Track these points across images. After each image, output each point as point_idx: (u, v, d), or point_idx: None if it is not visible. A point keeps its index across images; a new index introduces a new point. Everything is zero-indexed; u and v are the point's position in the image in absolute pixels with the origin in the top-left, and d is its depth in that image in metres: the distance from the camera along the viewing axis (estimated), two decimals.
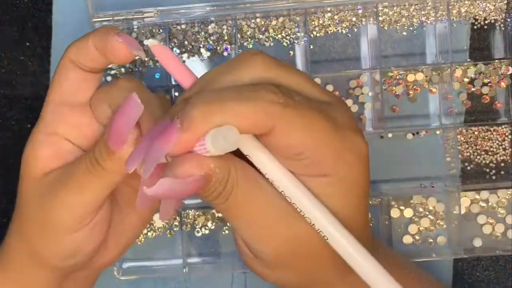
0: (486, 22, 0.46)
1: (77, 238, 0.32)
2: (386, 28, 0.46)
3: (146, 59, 0.46)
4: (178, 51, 0.46)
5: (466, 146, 0.46)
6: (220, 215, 0.46)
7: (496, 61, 0.45)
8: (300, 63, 0.46)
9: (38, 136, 0.33)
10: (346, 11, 0.46)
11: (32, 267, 0.34)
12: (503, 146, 0.46)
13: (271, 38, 0.46)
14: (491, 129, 0.46)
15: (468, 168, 0.46)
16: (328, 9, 0.45)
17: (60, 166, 0.33)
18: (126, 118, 0.28)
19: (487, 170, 0.46)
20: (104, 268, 0.37)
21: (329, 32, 0.46)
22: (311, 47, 0.46)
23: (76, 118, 0.33)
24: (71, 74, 0.32)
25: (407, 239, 0.46)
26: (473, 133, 0.46)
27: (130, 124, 0.28)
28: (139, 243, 0.46)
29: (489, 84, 0.46)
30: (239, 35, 0.46)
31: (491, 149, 0.46)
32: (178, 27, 0.46)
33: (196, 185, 0.25)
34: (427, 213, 0.46)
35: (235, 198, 0.27)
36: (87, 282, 0.38)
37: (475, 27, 0.46)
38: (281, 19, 0.46)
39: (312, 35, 0.46)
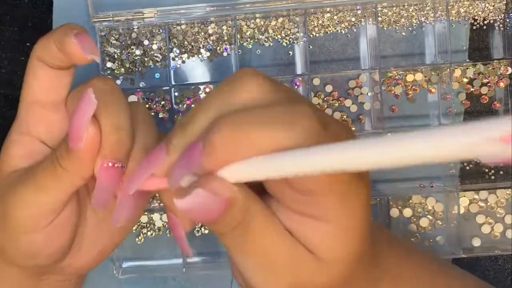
0: (485, 22, 0.46)
1: (36, 239, 0.31)
2: (385, 28, 0.46)
3: (146, 59, 0.46)
4: (178, 51, 0.46)
5: None
6: None
7: (495, 61, 0.45)
8: (299, 63, 0.46)
9: (12, 135, 0.33)
10: (346, 12, 0.46)
11: (2, 263, 0.33)
12: None
13: (270, 38, 0.46)
14: None
15: (467, 168, 0.46)
16: (328, 9, 0.45)
17: (30, 165, 0.32)
18: (82, 115, 0.28)
19: (486, 170, 0.46)
20: (82, 272, 0.35)
21: (329, 32, 0.46)
22: (311, 47, 0.46)
23: (48, 118, 0.32)
24: (39, 73, 0.32)
25: None
26: None
27: (85, 121, 0.28)
28: (139, 242, 0.46)
29: (488, 84, 0.46)
30: (238, 36, 0.46)
31: None
32: (178, 28, 0.46)
33: (220, 207, 0.23)
34: (426, 213, 0.46)
35: (252, 231, 0.25)
36: (65, 287, 0.36)
37: (474, 27, 0.46)
38: (280, 20, 0.46)
39: (311, 35, 0.46)
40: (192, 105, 0.46)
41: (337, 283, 0.27)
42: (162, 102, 0.46)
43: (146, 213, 0.46)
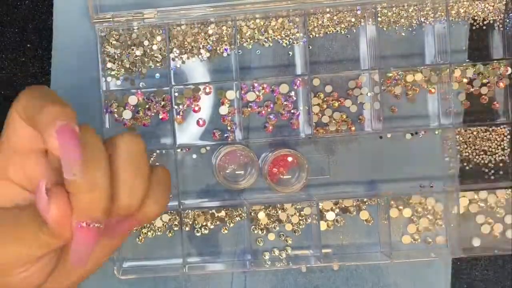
0: (485, 22, 0.46)
1: (11, 281, 0.30)
2: (385, 28, 0.46)
3: (146, 59, 0.46)
4: (178, 51, 0.46)
5: (465, 146, 0.46)
6: (219, 215, 0.46)
7: (495, 61, 0.45)
8: (299, 64, 0.46)
9: None
10: (345, 12, 0.46)
11: None
12: (502, 146, 0.46)
13: (270, 39, 0.46)
14: (490, 129, 0.46)
15: (467, 168, 0.46)
16: (327, 10, 0.45)
17: (7, 208, 0.31)
18: (40, 193, 0.28)
19: (486, 170, 0.46)
20: None
21: (328, 32, 0.46)
22: (310, 47, 0.46)
23: (28, 165, 0.31)
24: (18, 129, 0.30)
25: (406, 239, 0.46)
26: (472, 133, 0.46)
27: (44, 199, 0.28)
28: (139, 243, 0.46)
29: (488, 85, 0.46)
30: (238, 36, 0.46)
31: (490, 149, 0.46)
32: (178, 28, 0.46)
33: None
34: (426, 213, 0.46)
35: None
36: None
37: (474, 27, 0.46)
38: (280, 20, 0.46)
39: (311, 36, 0.46)
40: (192, 105, 0.46)
41: None
42: (162, 102, 0.46)
43: None
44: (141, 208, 0.30)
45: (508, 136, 0.46)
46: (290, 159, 0.46)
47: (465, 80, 0.46)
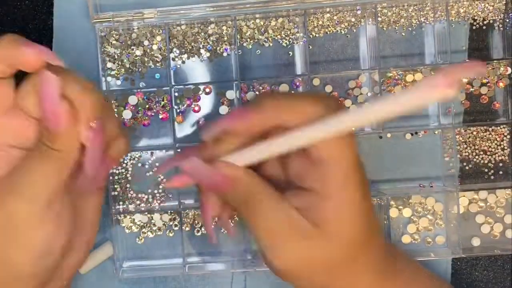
0: (485, 22, 0.46)
1: (46, 231, 0.31)
2: (385, 28, 0.46)
3: (146, 59, 0.46)
4: (178, 51, 0.46)
5: (465, 146, 0.46)
6: None
7: (495, 61, 0.45)
8: (299, 64, 0.46)
9: None
10: (345, 12, 0.46)
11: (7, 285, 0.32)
12: (502, 146, 0.46)
13: (270, 39, 0.46)
14: (490, 129, 0.46)
15: (467, 168, 0.46)
16: (327, 9, 0.45)
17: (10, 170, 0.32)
18: (50, 97, 0.29)
19: (486, 170, 0.46)
20: (74, 273, 0.36)
21: (328, 32, 0.46)
22: (310, 47, 0.46)
23: (9, 124, 0.32)
24: None
25: (406, 239, 0.46)
26: (472, 133, 0.46)
27: (55, 101, 0.29)
28: (139, 242, 0.46)
29: (487, 84, 0.46)
30: (238, 36, 0.46)
31: (490, 149, 0.46)
32: (178, 28, 0.46)
33: (224, 182, 0.32)
34: (425, 212, 0.46)
35: (259, 206, 0.32)
36: None
37: (474, 27, 0.46)
38: (280, 20, 0.46)
39: (311, 36, 0.46)
40: (192, 106, 0.46)
41: (339, 258, 0.33)
42: (162, 102, 0.46)
43: (146, 213, 0.46)
44: (112, 146, 0.34)
45: (508, 136, 0.46)
46: None
47: (465, 80, 0.46)
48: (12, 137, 0.33)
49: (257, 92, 0.46)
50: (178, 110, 0.46)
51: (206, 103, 0.46)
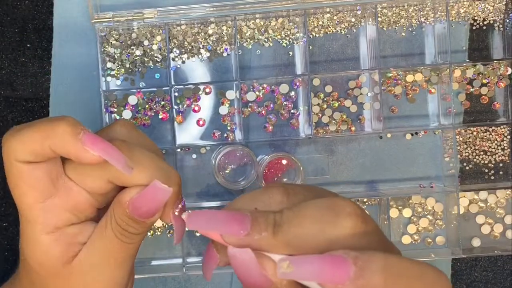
0: (485, 22, 0.46)
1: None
2: (385, 28, 0.46)
3: (146, 59, 0.46)
4: (178, 51, 0.46)
5: (465, 146, 0.46)
6: None
7: (495, 61, 0.45)
8: (299, 64, 0.46)
9: (39, 238, 0.30)
10: (345, 12, 0.46)
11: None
12: (502, 147, 0.46)
13: (270, 39, 0.46)
14: (490, 129, 0.46)
15: (467, 168, 0.46)
16: (327, 10, 0.45)
17: (77, 251, 0.31)
18: (154, 203, 0.30)
19: (486, 170, 0.46)
20: None
21: (328, 32, 0.46)
22: (310, 47, 0.46)
23: (65, 202, 0.30)
24: (24, 173, 0.29)
25: (406, 239, 0.46)
26: (472, 133, 0.46)
27: (160, 206, 0.30)
28: None
29: (488, 85, 0.46)
30: (238, 36, 0.46)
31: (490, 149, 0.46)
32: (178, 28, 0.46)
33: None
34: (426, 213, 0.46)
35: None
36: None
37: (474, 27, 0.46)
38: (280, 20, 0.46)
39: (311, 36, 0.46)
40: (192, 105, 0.46)
41: None
42: (162, 102, 0.46)
43: None
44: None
45: (508, 136, 0.46)
46: (284, 162, 0.46)
47: (465, 80, 0.46)
48: (69, 216, 0.31)
49: (256, 92, 0.46)
50: (178, 110, 0.46)
51: (206, 103, 0.46)
